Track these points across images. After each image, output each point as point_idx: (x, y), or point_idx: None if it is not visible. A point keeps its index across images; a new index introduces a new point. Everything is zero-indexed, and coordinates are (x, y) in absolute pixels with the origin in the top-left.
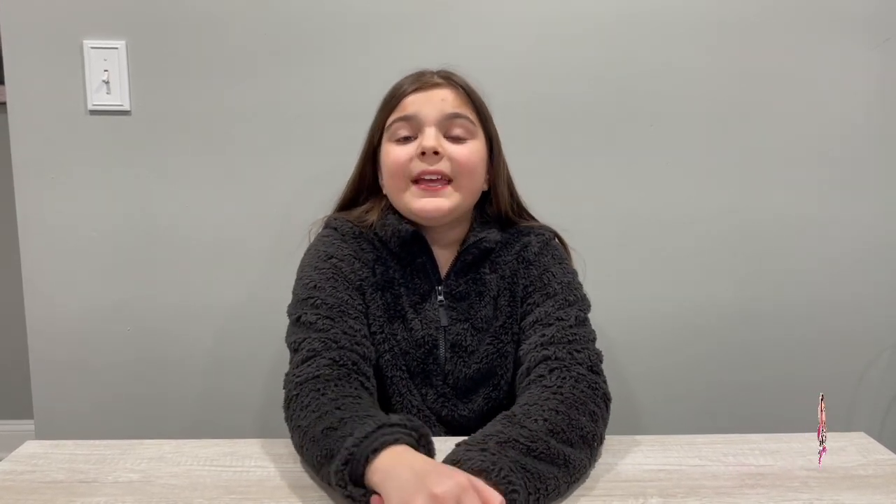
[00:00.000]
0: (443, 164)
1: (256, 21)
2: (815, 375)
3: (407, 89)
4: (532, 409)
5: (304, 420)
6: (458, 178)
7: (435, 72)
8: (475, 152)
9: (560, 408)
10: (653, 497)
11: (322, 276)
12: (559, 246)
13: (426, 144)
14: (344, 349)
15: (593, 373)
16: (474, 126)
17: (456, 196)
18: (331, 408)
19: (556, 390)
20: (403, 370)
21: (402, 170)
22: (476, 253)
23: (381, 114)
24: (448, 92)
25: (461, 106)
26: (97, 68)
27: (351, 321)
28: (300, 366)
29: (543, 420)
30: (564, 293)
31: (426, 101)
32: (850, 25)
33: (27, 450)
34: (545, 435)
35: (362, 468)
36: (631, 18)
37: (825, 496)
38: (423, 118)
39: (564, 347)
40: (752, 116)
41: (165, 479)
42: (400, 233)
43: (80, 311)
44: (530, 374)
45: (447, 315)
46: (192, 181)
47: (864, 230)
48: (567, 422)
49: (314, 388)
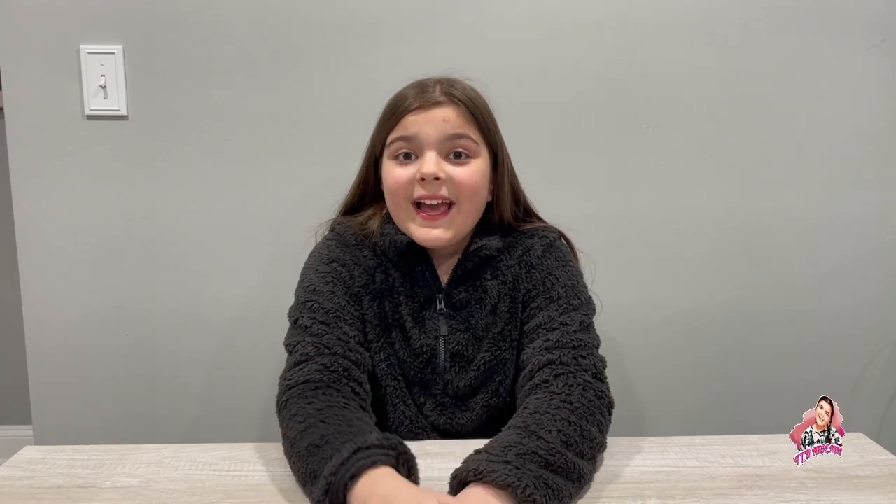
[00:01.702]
0: (443, 188)
1: (253, 25)
2: (813, 376)
3: (409, 107)
4: (545, 419)
5: (292, 431)
6: (460, 200)
7: (437, 81)
8: (477, 172)
9: (571, 418)
10: (651, 499)
11: (322, 280)
12: (564, 247)
13: (426, 171)
14: (336, 355)
15: (598, 380)
16: (477, 145)
17: (457, 222)
18: (315, 420)
19: (566, 398)
20: (400, 380)
21: (403, 191)
22: (476, 261)
23: (382, 129)
24: (450, 111)
25: (463, 125)
26: (94, 73)
27: (346, 327)
28: (292, 369)
29: (558, 431)
30: (568, 297)
31: (427, 121)
32: (846, 26)
33: (25, 455)
34: (561, 447)
35: (342, 496)
36: (629, 21)
37: (823, 497)
38: (424, 140)
39: (569, 353)
40: (750, 118)
41: (164, 484)
42: (396, 244)
43: (78, 316)
44: (534, 377)
45: (447, 324)
46: (189, 186)
47: (863, 231)
48: (579, 433)
49: (302, 394)
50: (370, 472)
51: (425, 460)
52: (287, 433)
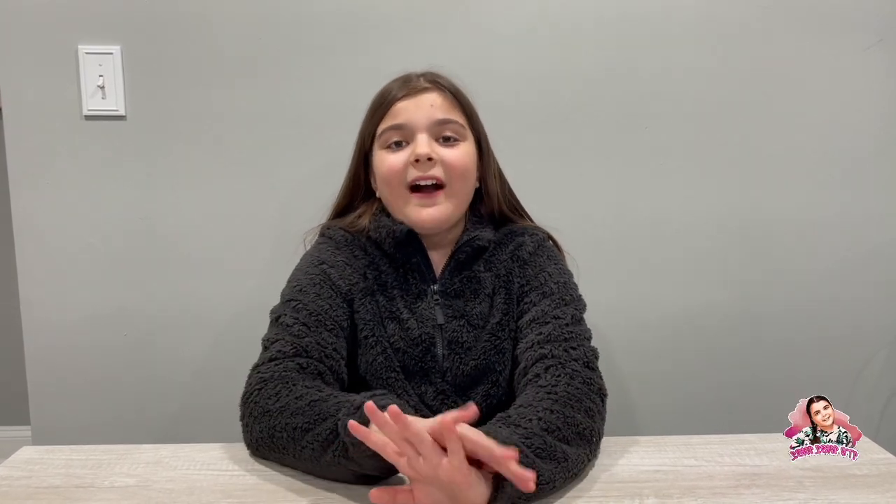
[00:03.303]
0: (436, 169)
1: (251, 25)
2: (812, 375)
3: (396, 95)
4: (526, 411)
5: (278, 402)
6: (452, 182)
7: (420, 74)
8: (466, 154)
9: (555, 407)
10: (649, 498)
11: (309, 282)
12: (553, 247)
13: (419, 152)
14: (311, 359)
15: (588, 369)
16: (464, 129)
17: (450, 202)
18: (304, 392)
19: (551, 389)
20: (399, 371)
21: (398, 177)
22: (469, 251)
23: (371, 121)
24: (436, 96)
25: (450, 110)
26: (92, 73)
27: (325, 333)
28: (267, 363)
29: (538, 419)
30: (561, 292)
31: (416, 107)
32: (843, 27)
33: (23, 455)
34: (541, 432)
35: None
36: (626, 21)
37: (820, 495)
38: (414, 125)
39: (560, 345)
40: (747, 118)
41: (162, 484)
42: (395, 233)
43: (76, 317)
44: (527, 373)
45: (443, 313)
46: (187, 186)
47: (861, 231)
48: (562, 419)
49: (283, 381)
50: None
51: None
52: (269, 408)
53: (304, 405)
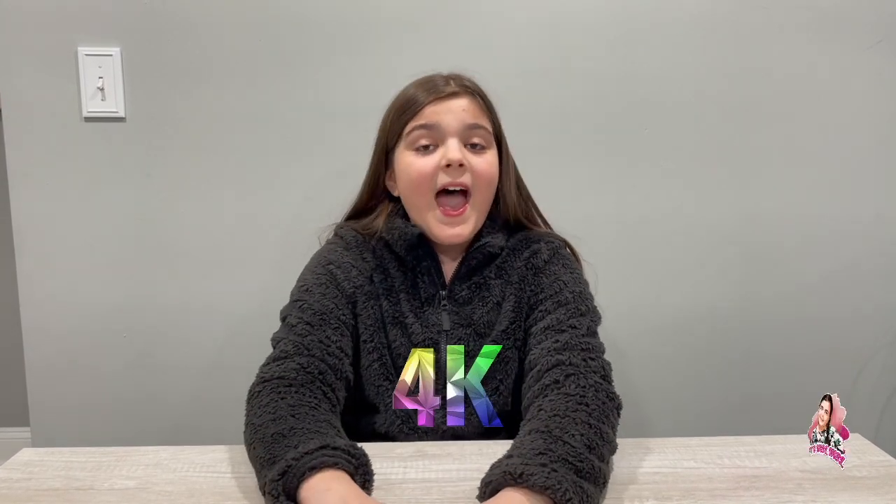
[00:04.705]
0: (465, 176)
1: (251, 27)
2: (811, 376)
3: (426, 98)
4: (566, 423)
5: (259, 419)
6: (477, 191)
7: (448, 76)
8: (492, 163)
9: (591, 421)
10: (648, 499)
11: (316, 281)
12: (570, 255)
13: (452, 157)
14: (314, 357)
15: (607, 381)
16: (490, 135)
17: (474, 216)
18: (286, 413)
19: (581, 400)
20: (392, 379)
21: (428, 182)
22: (480, 258)
23: (398, 120)
24: (467, 101)
25: (479, 116)
26: (92, 75)
27: (330, 331)
28: (270, 363)
29: (581, 435)
30: (577, 302)
31: (447, 110)
32: (843, 27)
33: (23, 457)
34: (587, 452)
35: (297, 483)
36: (627, 23)
37: (820, 498)
38: (445, 128)
39: (579, 354)
40: (748, 119)
41: (162, 486)
42: (406, 236)
43: (76, 319)
44: (542, 378)
45: (449, 319)
46: (187, 187)
47: (861, 232)
48: (599, 436)
49: (276, 388)
50: (330, 470)
51: (423, 461)
52: (253, 420)
53: (268, 436)
